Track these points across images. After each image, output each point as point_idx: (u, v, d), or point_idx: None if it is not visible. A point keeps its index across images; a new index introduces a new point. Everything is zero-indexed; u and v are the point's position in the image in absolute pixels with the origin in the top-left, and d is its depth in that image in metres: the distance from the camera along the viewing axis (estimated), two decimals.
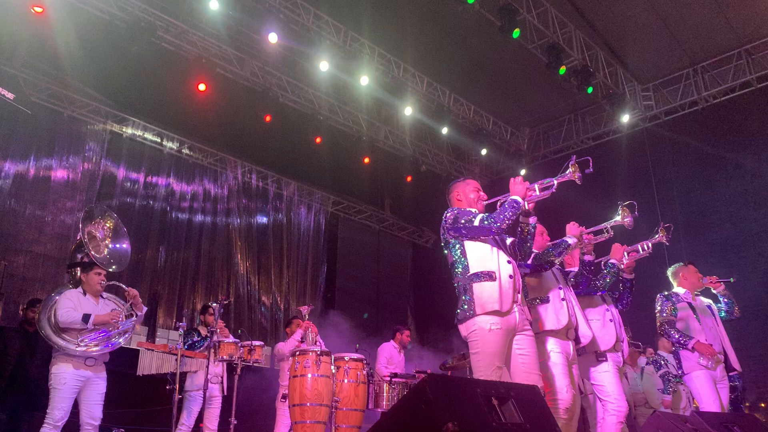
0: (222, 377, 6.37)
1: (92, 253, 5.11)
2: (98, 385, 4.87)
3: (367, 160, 11.10)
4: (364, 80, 9.46)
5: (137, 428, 7.28)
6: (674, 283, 5.57)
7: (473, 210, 3.78)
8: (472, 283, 3.54)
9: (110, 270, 5.16)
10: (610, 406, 4.29)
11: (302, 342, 6.35)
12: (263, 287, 10.87)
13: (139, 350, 5.48)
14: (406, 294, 12.72)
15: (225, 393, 6.36)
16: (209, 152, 10.34)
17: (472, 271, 3.58)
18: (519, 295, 3.59)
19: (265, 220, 11.18)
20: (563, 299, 4.13)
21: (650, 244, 4.95)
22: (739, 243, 9.56)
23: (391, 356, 7.56)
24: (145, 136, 9.69)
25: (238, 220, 10.70)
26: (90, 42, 8.07)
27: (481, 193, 3.92)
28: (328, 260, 11.80)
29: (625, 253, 4.76)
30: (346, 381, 5.31)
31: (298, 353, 5.24)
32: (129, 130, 9.50)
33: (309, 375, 5.22)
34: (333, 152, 10.69)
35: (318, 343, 6.19)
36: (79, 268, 5.09)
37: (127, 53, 7.99)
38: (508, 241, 3.84)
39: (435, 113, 10.57)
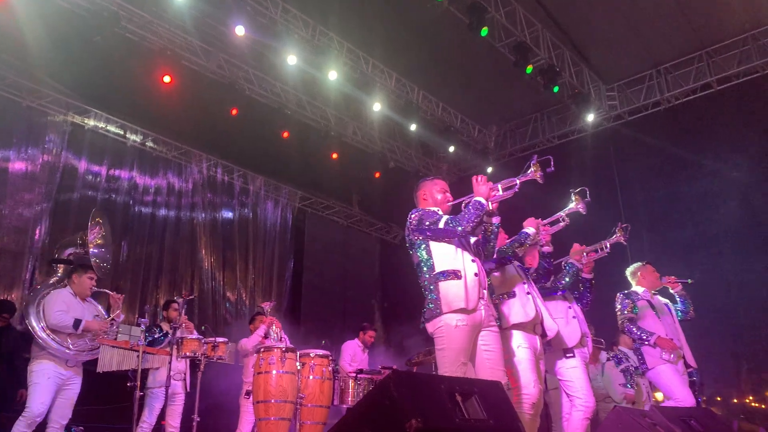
0: (185, 374, 6.30)
1: (93, 251, 5.13)
2: (75, 386, 4.95)
3: (335, 155, 11.04)
4: (333, 75, 9.40)
5: (98, 426, 7.12)
6: (633, 282, 5.70)
7: (438, 211, 3.81)
8: (438, 281, 3.57)
9: (101, 276, 5.23)
10: (578, 401, 4.35)
11: (266, 338, 6.30)
12: (228, 283, 10.75)
13: (99, 347, 5.37)
14: (374, 290, 12.72)
15: (188, 390, 6.29)
16: (174, 145, 10.17)
17: (437, 270, 3.61)
18: (485, 292, 3.65)
19: (230, 214, 11.06)
20: (528, 293, 4.19)
21: (608, 244, 5.10)
22: (701, 243, 9.78)
23: (354, 354, 7.56)
24: (108, 128, 9.49)
25: (203, 215, 10.56)
26: (51, 31, 7.85)
27: (448, 195, 3.94)
28: (295, 256, 11.72)
29: (584, 253, 4.86)
30: (311, 377, 5.28)
31: (262, 350, 5.20)
32: (91, 122, 9.29)
33: (274, 372, 5.18)
34: (300, 147, 10.61)
35: (283, 339, 6.14)
36: (66, 267, 5.12)
37: (90, 44, 7.79)
38: (473, 240, 3.87)
39: (404, 110, 10.56)
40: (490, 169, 12.38)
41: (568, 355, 4.48)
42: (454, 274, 3.56)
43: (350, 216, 12.52)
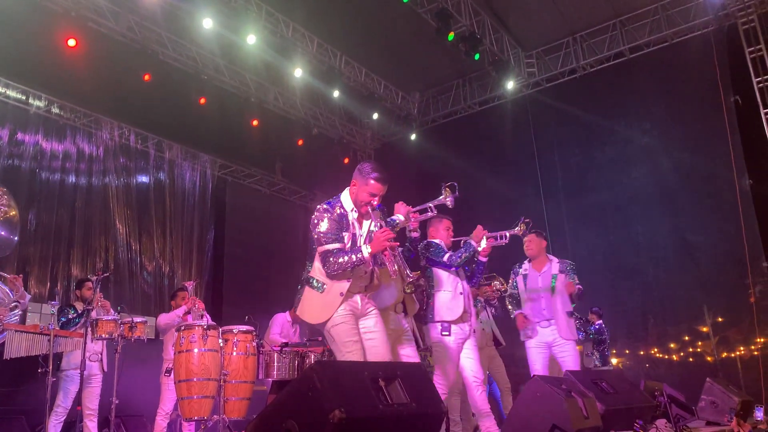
0: (101, 354, 6.09)
1: None
2: None
3: (255, 122, 10.75)
4: (251, 39, 9.06)
5: (8, 409, 6.82)
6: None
7: (352, 212, 3.71)
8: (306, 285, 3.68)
9: None
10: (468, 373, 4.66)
11: (188, 314, 6.15)
12: (146, 253, 10.33)
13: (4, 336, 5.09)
14: (299, 260, 12.59)
15: (105, 370, 6.09)
16: (82, 112, 9.60)
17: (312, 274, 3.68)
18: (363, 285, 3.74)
19: (146, 179, 10.58)
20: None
21: (508, 234, 5.29)
22: (615, 207, 10.24)
23: (283, 327, 7.47)
24: (8, 93, 8.83)
25: (116, 181, 10.06)
26: None
27: (374, 201, 3.79)
28: (216, 225, 11.41)
29: (485, 237, 5.00)
30: (234, 353, 5.23)
31: (183, 328, 5.10)
32: None
33: (195, 350, 5.10)
34: (219, 114, 10.25)
35: (205, 318, 6.02)
36: None
37: None
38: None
39: (326, 75, 10.37)
40: (413, 136, 12.42)
41: (443, 332, 4.65)
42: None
43: (273, 184, 12.30)
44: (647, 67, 10.28)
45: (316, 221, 3.61)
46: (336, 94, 10.78)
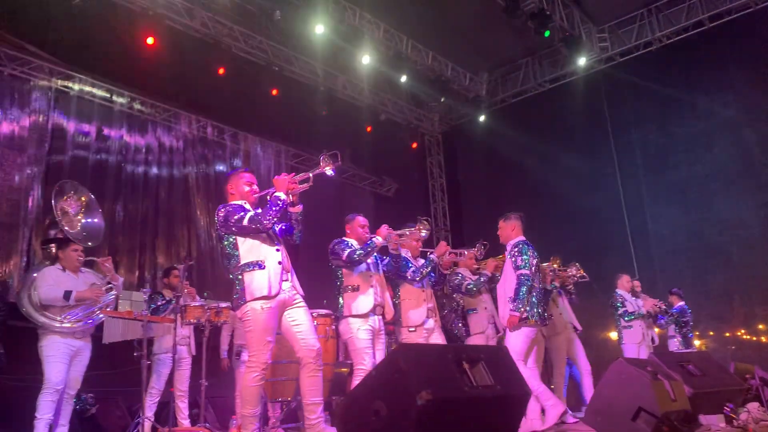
0: (189, 338, 6.38)
1: (66, 229, 5.10)
2: (85, 356, 5.03)
3: (325, 111, 10.91)
4: (319, 29, 9.19)
5: (107, 390, 7.24)
6: None
7: (245, 204, 4.07)
8: (243, 273, 3.88)
9: (87, 245, 5.20)
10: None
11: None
12: None
13: (96, 312, 5.40)
14: None
15: (193, 353, 6.38)
16: (161, 107, 10.00)
17: (242, 261, 3.91)
18: (289, 275, 4.03)
19: (223, 169, 10.95)
20: (372, 286, 4.96)
21: (466, 253, 5.89)
22: (696, 184, 9.85)
23: None
24: (94, 92, 9.29)
25: (196, 170, 10.45)
26: None
27: (254, 187, 4.20)
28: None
29: (447, 253, 5.57)
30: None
31: None
32: (76, 87, 9.08)
33: (279, 334, 5.29)
34: (290, 104, 10.45)
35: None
36: (54, 245, 5.10)
37: (70, 7, 7.58)
38: (277, 228, 4.18)
39: (393, 61, 10.39)
40: (482, 118, 12.29)
41: (410, 329, 5.17)
42: (258, 265, 3.87)
43: (343, 171, 12.45)
44: (729, 36, 9.77)
45: (222, 217, 3.99)
46: (403, 78, 10.78)
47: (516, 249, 5.15)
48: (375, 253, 5.06)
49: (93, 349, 5.19)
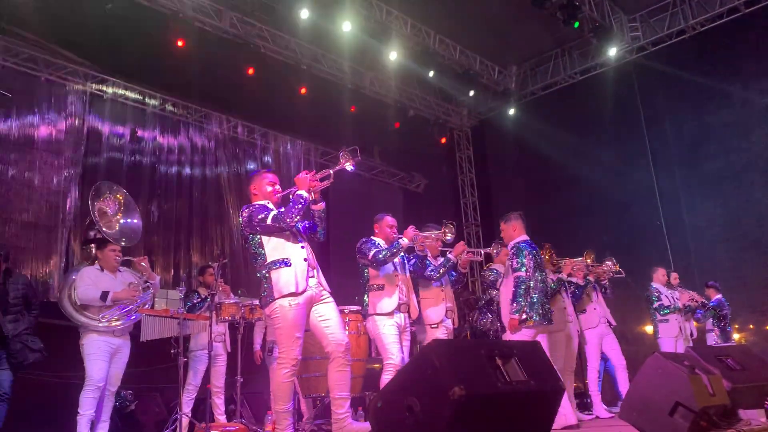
0: (224, 335, 6.47)
1: (104, 229, 5.22)
2: (124, 354, 5.16)
3: (353, 108, 10.95)
4: (347, 26, 9.23)
5: (145, 387, 7.40)
6: None
7: (268, 204, 4.15)
8: (270, 270, 3.94)
9: (122, 245, 5.32)
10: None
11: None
12: None
13: (139, 317, 5.53)
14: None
15: (229, 350, 6.47)
16: (193, 108, 10.17)
17: (269, 260, 3.98)
18: (315, 271, 4.08)
19: (254, 168, 11.08)
20: (397, 285, 4.99)
21: (482, 252, 6.03)
22: (732, 174, 9.62)
23: None
24: (127, 95, 9.50)
25: (227, 170, 10.60)
26: (61, 1, 7.82)
27: (277, 187, 4.27)
28: None
29: (464, 253, 5.58)
30: (347, 333, 5.42)
31: None
32: (110, 90, 9.30)
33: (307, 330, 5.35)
34: (319, 102, 10.51)
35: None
36: (93, 246, 5.23)
37: (103, 13, 7.74)
38: (300, 225, 4.21)
39: (420, 56, 10.37)
40: (512, 111, 12.18)
41: (432, 326, 5.32)
42: (284, 263, 3.94)
43: (372, 168, 12.50)
44: (765, 21, 9.50)
45: (246, 217, 4.10)
46: (431, 74, 10.75)
47: (513, 251, 5.19)
48: (401, 253, 5.11)
49: (131, 347, 5.31)
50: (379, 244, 5.07)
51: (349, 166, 4.04)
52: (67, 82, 8.82)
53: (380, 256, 4.90)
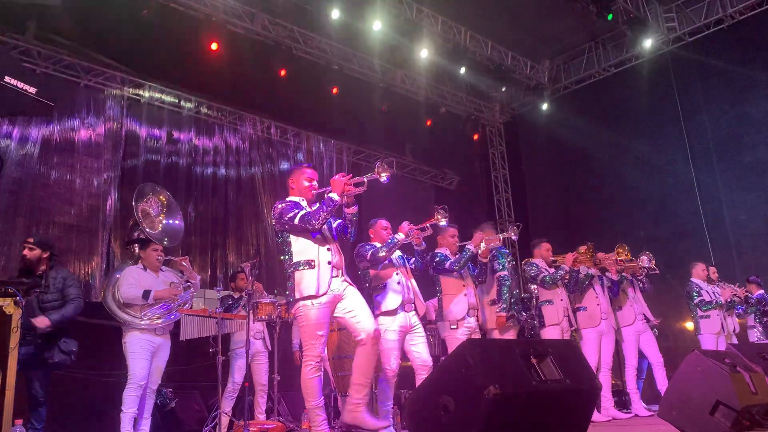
0: (263, 332, 6.56)
1: (147, 230, 5.36)
2: (165, 352, 5.26)
3: (384, 106, 10.96)
4: (377, 25, 9.25)
5: (185, 384, 7.54)
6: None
7: (302, 201, 4.21)
8: (295, 271, 4.03)
9: (164, 245, 5.45)
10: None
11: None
12: None
13: (173, 309, 5.63)
14: (433, 239, 12.70)
15: (269, 348, 6.54)
16: (227, 110, 10.31)
17: (294, 260, 4.06)
18: (339, 271, 4.12)
19: (287, 166, 11.19)
20: (399, 282, 5.01)
21: (501, 237, 5.93)
22: None
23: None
24: (163, 98, 9.68)
25: (261, 170, 10.72)
26: (98, 8, 8.01)
27: (314, 183, 4.30)
28: None
29: (482, 242, 5.56)
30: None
31: None
32: (146, 94, 9.48)
33: (341, 329, 5.41)
34: (350, 101, 10.56)
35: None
36: (137, 246, 5.36)
37: (138, 19, 7.90)
38: (335, 224, 4.27)
39: (451, 53, 10.33)
40: (545, 106, 12.06)
41: (452, 326, 5.26)
42: (308, 264, 4.00)
43: (404, 166, 12.48)
44: None
45: (278, 214, 4.15)
46: (462, 70, 10.70)
47: (491, 254, 5.58)
48: (400, 253, 5.19)
49: (171, 346, 5.42)
50: (375, 245, 5.11)
51: (384, 177, 4.09)
52: (106, 87, 9.03)
53: (378, 254, 4.95)
